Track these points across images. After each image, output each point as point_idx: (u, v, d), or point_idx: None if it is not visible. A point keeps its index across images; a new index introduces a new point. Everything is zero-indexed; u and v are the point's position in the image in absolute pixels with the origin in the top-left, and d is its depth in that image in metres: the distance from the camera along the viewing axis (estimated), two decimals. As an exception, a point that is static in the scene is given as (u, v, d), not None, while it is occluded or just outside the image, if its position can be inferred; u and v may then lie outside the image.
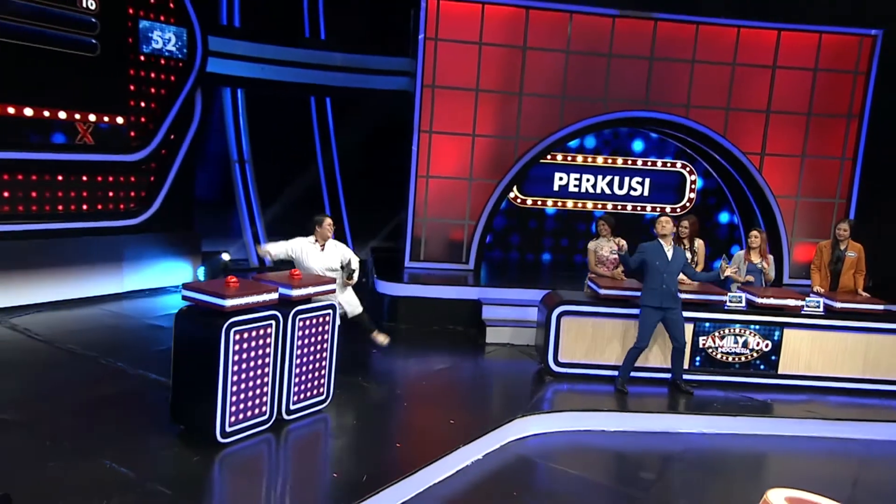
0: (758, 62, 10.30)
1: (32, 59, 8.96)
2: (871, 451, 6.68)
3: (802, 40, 10.37)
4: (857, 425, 6.87)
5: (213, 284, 5.50)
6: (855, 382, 7.60)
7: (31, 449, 5.09)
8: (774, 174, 10.56)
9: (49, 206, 9.39)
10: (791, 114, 10.49)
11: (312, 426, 6.02)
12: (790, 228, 10.64)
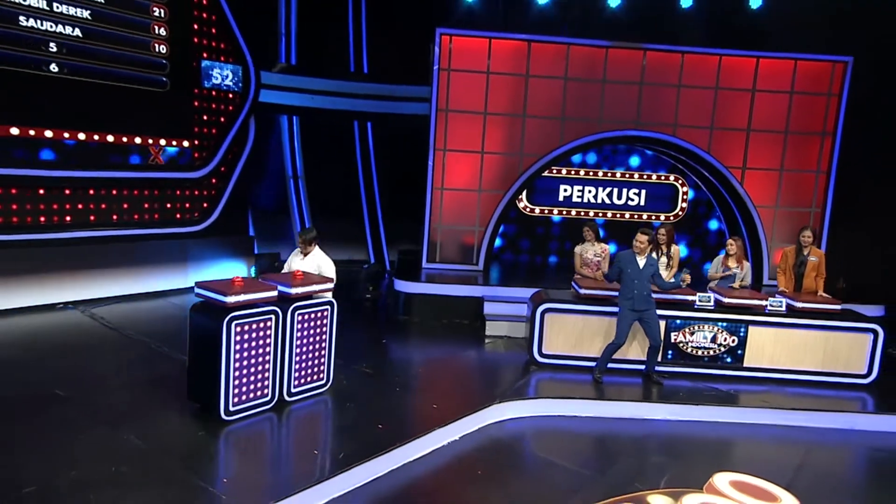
0: (738, 86, 10.00)
1: (114, 94, 9.40)
2: (820, 438, 6.43)
3: (779, 66, 10.04)
4: (810, 414, 6.64)
5: (220, 283, 5.59)
6: (815, 375, 7.39)
7: (70, 419, 5.36)
8: (755, 186, 10.25)
9: (127, 216, 9.85)
10: (769, 132, 10.15)
11: (311, 408, 6.04)
12: (769, 235, 10.32)
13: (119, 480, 4.41)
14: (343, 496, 4.69)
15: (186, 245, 10.28)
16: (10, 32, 8.26)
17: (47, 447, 4.81)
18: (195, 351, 5.44)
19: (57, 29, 8.66)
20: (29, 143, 8.67)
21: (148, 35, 9.50)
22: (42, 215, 8.91)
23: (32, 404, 5.66)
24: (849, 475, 5.84)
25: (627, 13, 10.37)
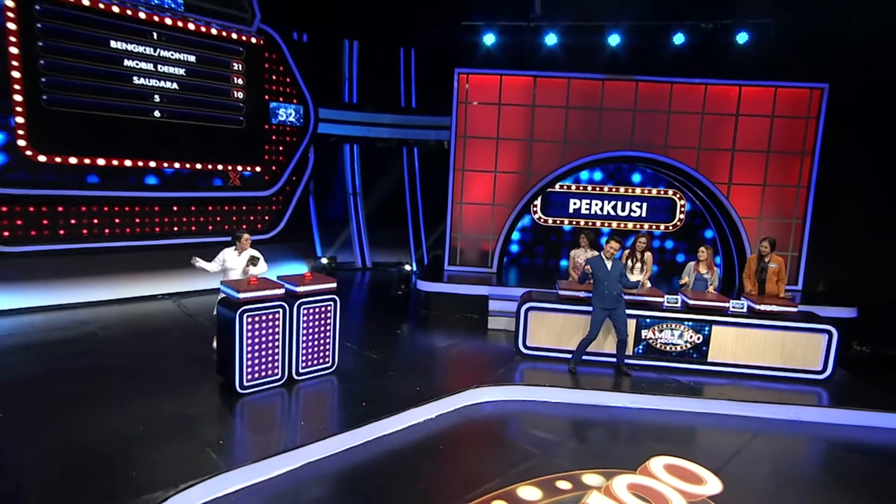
0: (724, 111, 9.44)
1: (202, 132, 9.95)
2: (766, 428, 6.01)
3: (761, 93, 9.37)
4: (761, 406, 6.25)
5: (238, 283, 5.88)
6: (774, 371, 6.94)
7: (121, 385, 5.80)
8: (742, 199, 9.62)
9: (212, 226, 10.33)
10: (753, 151, 9.49)
11: (315, 386, 6.15)
12: (754, 243, 9.70)
13: (145, 436, 4.80)
14: (318, 461, 4.84)
15: (259, 249, 10.63)
16: (126, 89, 9.01)
17: (101, 404, 5.30)
18: (221, 335, 5.77)
19: (160, 84, 9.36)
20: (137, 172, 9.35)
21: (229, 85, 10.08)
22: (148, 227, 9.56)
23: (104, 370, 6.25)
24: (781, 463, 5.36)
25: (625, 50, 10.07)
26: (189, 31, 9.43)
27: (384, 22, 11.92)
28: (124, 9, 8.77)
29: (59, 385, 5.79)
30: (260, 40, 10.28)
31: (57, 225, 8.64)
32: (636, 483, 4.77)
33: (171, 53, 9.31)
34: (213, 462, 4.42)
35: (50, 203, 8.54)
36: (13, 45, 7.94)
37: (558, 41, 10.18)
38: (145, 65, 9.09)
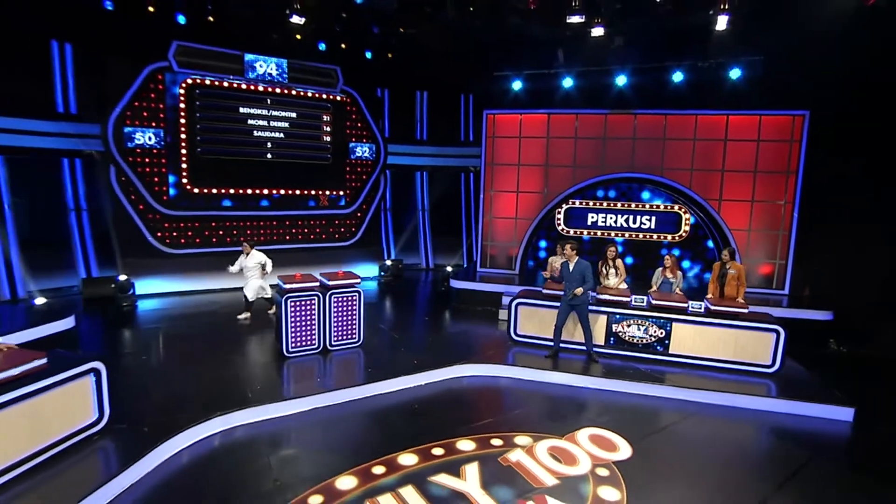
0: (714, 137, 8.85)
1: (299, 167, 10.98)
2: (701, 411, 5.71)
3: (748, 121, 8.69)
4: (701, 392, 5.94)
5: (287, 277, 6.68)
6: (727, 363, 6.52)
7: (223, 343, 6.86)
8: (733, 214, 8.96)
9: (302, 237, 11.35)
10: (741, 171, 8.79)
11: (342, 355, 6.74)
12: (744, 252, 8.93)
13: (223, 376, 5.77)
14: (326, 407, 5.49)
15: (342, 253, 11.64)
16: (248, 140, 10.42)
17: (210, 353, 6.32)
18: (277, 315, 6.64)
19: (271, 135, 10.71)
20: (256, 197, 10.71)
21: (319, 132, 11.23)
22: (263, 236, 10.83)
23: (216, 333, 7.43)
24: (699, 441, 5.12)
25: (630, 88, 9.74)
26: (292, 95, 10.70)
27: (446, 76, 12.48)
28: (249, 86, 10.21)
29: (188, 341, 7.16)
30: (342, 97, 11.32)
31: (203, 235, 10.26)
32: (557, 446, 4.90)
33: (279, 112, 10.62)
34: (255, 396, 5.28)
35: (199, 220, 10.16)
36: (182, 117, 9.63)
37: (574, 83, 10.13)
38: (262, 122, 10.49)
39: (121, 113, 8.99)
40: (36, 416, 4.01)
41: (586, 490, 4.21)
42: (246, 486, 4.08)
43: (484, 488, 4.17)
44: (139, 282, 9.09)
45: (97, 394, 4.51)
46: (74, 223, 9.32)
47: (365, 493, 4.05)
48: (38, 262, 8.87)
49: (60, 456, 4.14)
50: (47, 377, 4.08)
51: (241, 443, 4.77)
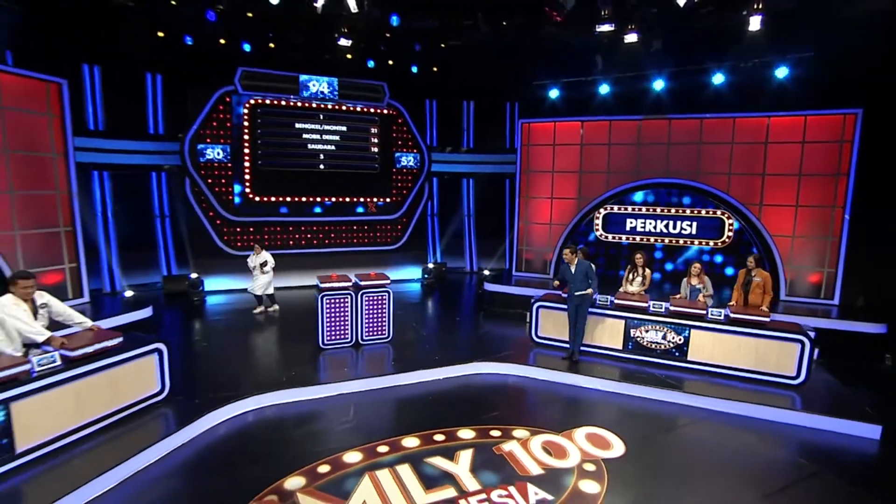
0: (753, 140, 8.53)
1: (350, 176, 11.83)
2: (708, 417, 5.69)
3: (791, 122, 8.29)
4: (709, 399, 5.90)
5: (324, 277, 7.40)
6: (748, 373, 6.39)
7: (275, 335, 7.74)
8: (776, 219, 8.58)
9: (356, 240, 12.22)
10: (783, 175, 8.40)
11: (372, 348, 7.35)
12: (787, 260, 8.50)
13: (273, 361, 6.67)
14: (350, 393, 6.13)
15: (388, 256, 12.40)
16: (303, 152, 11.48)
17: (261, 344, 7.30)
18: (316, 311, 7.37)
19: (324, 147, 11.70)
20: (309, 205, 11.73)
21: (367, 143, 12.10)
22: (316, 239, 11.84)
23: (271, 325, 8.34)
24: (696, 446, 5.15)
25: (667, 92, 9.62)
26: (342, 111, 11.65)
27: (490, 86, 12.91)
28: (304, 103, 11.29)
29: (242, 331, 8.18)
30: (389, 111, 12.11)
31: (263, 238, 11.44)
32: (551, 441, 5.17)
33: (331, 126, 11.61)
34: (288, 381, 6.04)
35: (260, 225, 11.38)
36: (246, 134, 10.90)
37: (610, 90, 10.17)
38: (315, 135, 11.53)
39: (195, 132, 10.38)
40: (115, 383, 5.00)
41: (568, 482, 4.49)
42: (269, 454, 4.80)
43: (472, 472, 4.58)
44: (208, 279, 10.39)
45: (160, 370, 5.47)
46: (159, 228, 10.85)
47: (366, 467, 4.62)
48: (130, 261, 10.43)
49: (131, 417, 5.12)
50: (122, 353, 5.08)
51: (271, 419, 5.54)
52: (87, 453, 4.50)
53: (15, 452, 4.16)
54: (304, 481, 4.38)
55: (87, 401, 4.75)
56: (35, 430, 4.31)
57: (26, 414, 4.24)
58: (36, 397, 4.31)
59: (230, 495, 4.14)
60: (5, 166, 7.25)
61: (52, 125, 7.90)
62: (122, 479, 4.34)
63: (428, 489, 4.32)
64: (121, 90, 10.23)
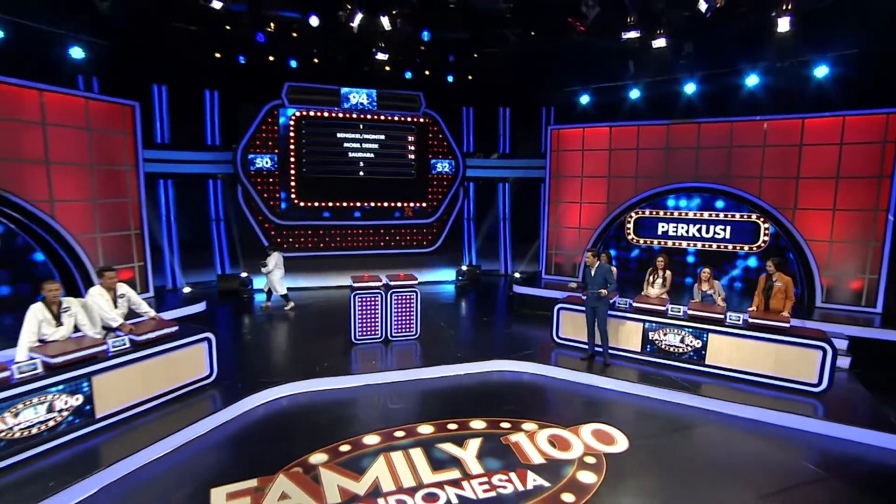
0: (786, 143, 8.34)
1: (387, 183, 12.44)
2: (719, 420, 5.76)
3: (827, 123, 8.03)
4: (723, 403, 5.97)
5: (357, 277, 7.97)
6: (768, 378, 6.38)
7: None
8: (812, 224, 8.35)
9: (394, 242, 12.84)
10: (819, 178, 8.16)
11: (400, 344, 7.84)
12: (824, 266, 8.23)
13: (291, 362, 7.33)
14: (377, 384, 6.66)
15: (424, 259, 12.91)
16: (343, 160, 12.26)
17: (303, 335, 8.03)
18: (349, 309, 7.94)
19: (363, 155, 12.42)
20: (349, 210, 12.47)
21: (404, 151, 12.70)
22: (357, 242, 12.60)
23: (315, 320, 9.05)
24: (701, 447, 5.28)
25: (699, 96, 9.57)
26: (380, 120, 12.33)
27: (524, 92, 13.18)
28: (344, 114, 12.06)
29: (283, 326, 8.93)
30: (425, 119, 12.67)
31: (308, 241, 12.31)
32: (557, 434, 5.46)
33: (370, 135, 12.31)
34: (320, 371, 6.66)
35: (304, 229, 12.25)
36: (291, 143, 11.81)
37: (641, 94, 10.22)
38: (355, 144, 12.27)
39: (246, 143, 11.37)
40: (170, 366, 5.79)
41: (567, 471, 4.79)
42: (298, 434, 5.40)
43: (478, 458, 4.97)
44: (256, 279, 11.32)
45: (209, 356, 6.24)
46: (214, 231, 11.94)
47: (382, 449, 5.12)
48: (189, 260, 11.54)
49: (184, 396, 5.89)
50: (177, 340, 5.87)
51: (302, 404, 6.16)
52: (149, 423, 5.29)
53: (95, 417, 5.00)
54: (326, 457, 4.94)
55: (150, 379, 5.55)
56: (110, 400, 5.14)
57: (104, 387, 5.07)
58: (111, 373, 5.14)
59: (263, 465, 4.75)
60: (90, 179, 8.38)
61: (127, 141, 9.02)
62: (177, 446, 5.08)
63: (435, 470, 4.76)
64: (183, 106, 11.38)
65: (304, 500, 4.29)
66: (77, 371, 4.86)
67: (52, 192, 7.78)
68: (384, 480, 4.60)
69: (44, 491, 4.09)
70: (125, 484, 4.51)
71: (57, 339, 5.09)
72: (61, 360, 4.77)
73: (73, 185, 8.15)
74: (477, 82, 12.57)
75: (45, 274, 8.16)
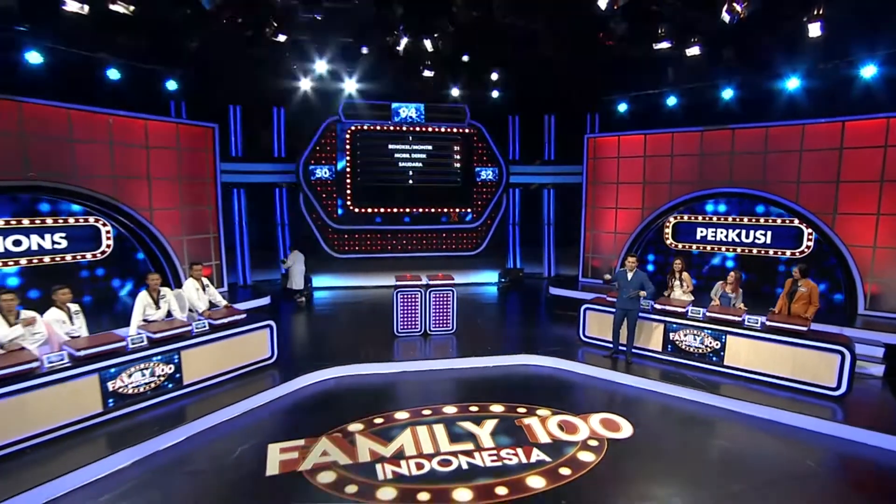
0: (825, 146, 8.26)
1: (435, 190, 13.27)
2: (729, 418, 6.06)
3: (869, 126, 7.88)
4: (736, 402, 6.26)
5: (401, 276, 8.89)
6: (786, 381, 6.55)
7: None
8: (854, 229, 8.21)
9: (441, 246, 13.66)
10: (860, 182, 8.01)
11: (438, 338, 8.57)
12: (866, 271, 8.05)
13: (339, 349, 8.30)
14: (413, 371, 7.51)
15: (469, 261, 13.65)
16: (394, 169, 13.32)
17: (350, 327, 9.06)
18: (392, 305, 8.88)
19: (412, 165, 13.44)
20: (400, 215, 13.46)
21: (451, 160, 13.56)
22: (407, 245, 13.59)
23: (363, 315, 10.07)
24: (708, 442, 5.63)
25: (736, 101, 9.64)
26: (428, 132, 13.27)
27: (566, 101, 13.62)
28: (395, 127, 13.13)
29: (336, 318, 10.05)
30: (470, 130, 13.46)
31: (361, 244, 13.46)
32: (567, 420, 6.02)
33: (418, 146, 13.29)
34: (364, 357, 7.62)
35: (359, 232, 13.42)
36: (347, 155, 13.05)
37: (678, 101, 10.42)
38: (405, 155, 13.29)
39: (307, 155, 12.72)
40: (240, 347, 6.97)
41: (569, 451, 5.37)
42: (340, 407, 6.36)
43: (491, 435, 5.67)
44: (315, 277, 12.61)
45: (271, 340, 7.38)
46: (279, 234, 13.41)
47: (410, 423, 5.94)
48: (258, 260, 13.06)
49: (250, 373, 7.05)
50: (245, 326, 7.04)
51: (347, 384, 7.13)
52: (223, 392, 6.46)
53: (183, 384, 6.25)
54: (362, 427, 5.84)
55: (224, 356, 6.75)
56: (194, 371, 6.37)
57: (189, 359, 6.30)
58: (194, 349, 6.37)
59: (310, 429, 5.73)
60: (178, 190, 9.96)
61: (208, 157, 10.57)
62: (243, 411, 6.19)
63: (452, 442, 5.52)
64: (254, 123, 12.93)
65: (340, 457, 5.21)
66: (170, 346, 6.12)
67: (151, 202, 9.39)
68: (408, 447, 5.42)
69: (149, 433, 5.31)
70: (203, 436, 5.65)
71: (156, 319, 6.40)
72: (160, 336, 6.04)
73: (165, 196, 9.74)
74: (519, 94, 13.19)
75: (144, 270, 9.80)
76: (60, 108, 8.10)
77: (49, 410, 5.09)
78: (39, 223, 8.67)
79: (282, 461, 5.15)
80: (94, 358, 5.48)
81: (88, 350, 5.47)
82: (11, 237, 8.28)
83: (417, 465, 5.11)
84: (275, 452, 5.30)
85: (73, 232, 9.11)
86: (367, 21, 9.60)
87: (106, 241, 9.51)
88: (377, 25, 9.57)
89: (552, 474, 4.94)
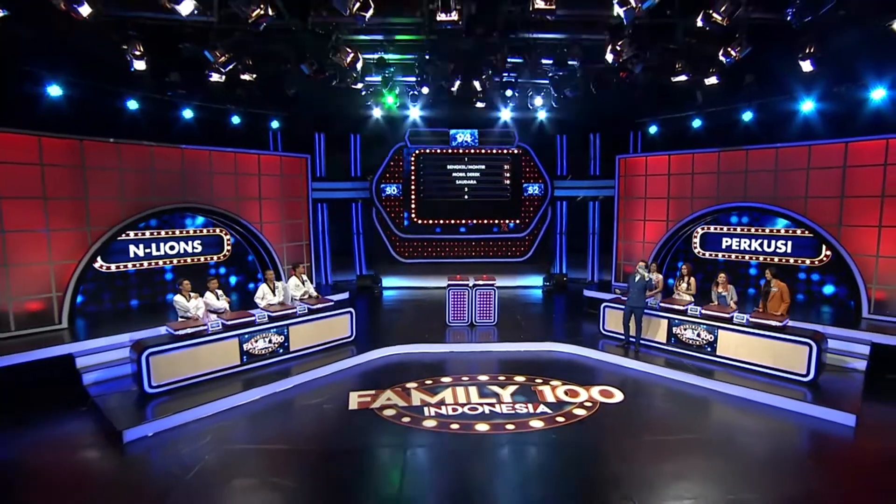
0: (829, 165, 9.19)
1: (487, 204, 15.14)
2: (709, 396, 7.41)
3: (871, 146, 8.76)
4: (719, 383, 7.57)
5: (451, 277, 10.92)
6: (767, 369, 7.74)
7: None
8: (861, 240, 9.08)
9: (492, 253, 15.53)
10: (862, 197, 8.87)
11: (482, 328, 10.40)
12: (869, 278, 8.87)
13: (403, 332, 10.56)
14: (458, 352, 9.53)
15: (517, 266, 15.35)
16: (452, 186, 15.47)
17: (412, 321, 11.30)
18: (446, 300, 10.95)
19: (468, 182, 15.51)
20: (456, 226, 15.58)
21: (501, 178, 15.45)
22: (462, 252, 15.68)
23: (421, 311, 12.22)
24: (686, 412, 7.06)
25: (756, 123, 10.71)
26: (481, 153, 15.29)
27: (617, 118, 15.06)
28: (453, 150, 15.29)
29: (402, 311, 12.29)
30: (518, 150, 15.31)
31: (424, 250, 15.70)
32: (572, 388, 7.72)
33: (473, 166, 15.35)
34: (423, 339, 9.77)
35: (421, 241, 15.67)
36: (412, 175, 15.40)
37: (702, 124, 11.62)
38: (461, 174, 15.39)
39: (379, 175, 15.22)
40: (328, 327, 9.37)
41: (566, 408, 7.11)
42: (400, 373, 8.49)
43: (511, 395, 7.54)
44: (385, 278, 15.02)
45: (351, 323, 9.72)
46: (355, 242, 16.01)
47: (451, 384, 7.96)
48: (338, 263, 15.73)
49: (335, 347, 9.43)
50: (332, 311, 9.43)
51: (407, 358, 9.28)
52: (317, 358, 8.87)
53: (290, 350, 8.72)
54: (416, 384, 7.95)
55: (318, 333, 9.17)
56: (298, 341, 8.83)
57: (294, 333, 8.77)
58: (297, 326, 8.82)
59: (379, 384, 7.93)
60: (280, 207, 12.78)
61: (302, 181, 13.34)
62: (331, 372, 8.53)
63: (481, 398, 7.46)
64: (335, 147, 15.66)
65: (398, 402, 7.34)
66: (281, 323, 8.61)
67: (261, 216, 12.24)
68: (448, 398, 7.44)
69: (270, 380, 7.77)
70: (303, 387, 8.01)
71: (272, 302, 8.96)
72: (276, 315, 8.56)
73: (270, 212, 12.56)
74: (562, 117, 14.84)
75: (253, 269, 12.67)
76: (203, 151, 11.10)
77: (210, 359, 7.70)
78: (182, 233, 11.77)
79: (359, 401, 7.38)
80: (235, 327, 8.07)
81: (232, 321, 8.06)
82: (169, 243, 11.40)
83: (453, 409, 7.12)
84: (354, 397, 7.54)
85: (206, 239, 12.15)
86: (425, 66, 11.84)
87: (227, 247, 12.50)
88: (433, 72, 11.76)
89: (549, 420, 6.74)
